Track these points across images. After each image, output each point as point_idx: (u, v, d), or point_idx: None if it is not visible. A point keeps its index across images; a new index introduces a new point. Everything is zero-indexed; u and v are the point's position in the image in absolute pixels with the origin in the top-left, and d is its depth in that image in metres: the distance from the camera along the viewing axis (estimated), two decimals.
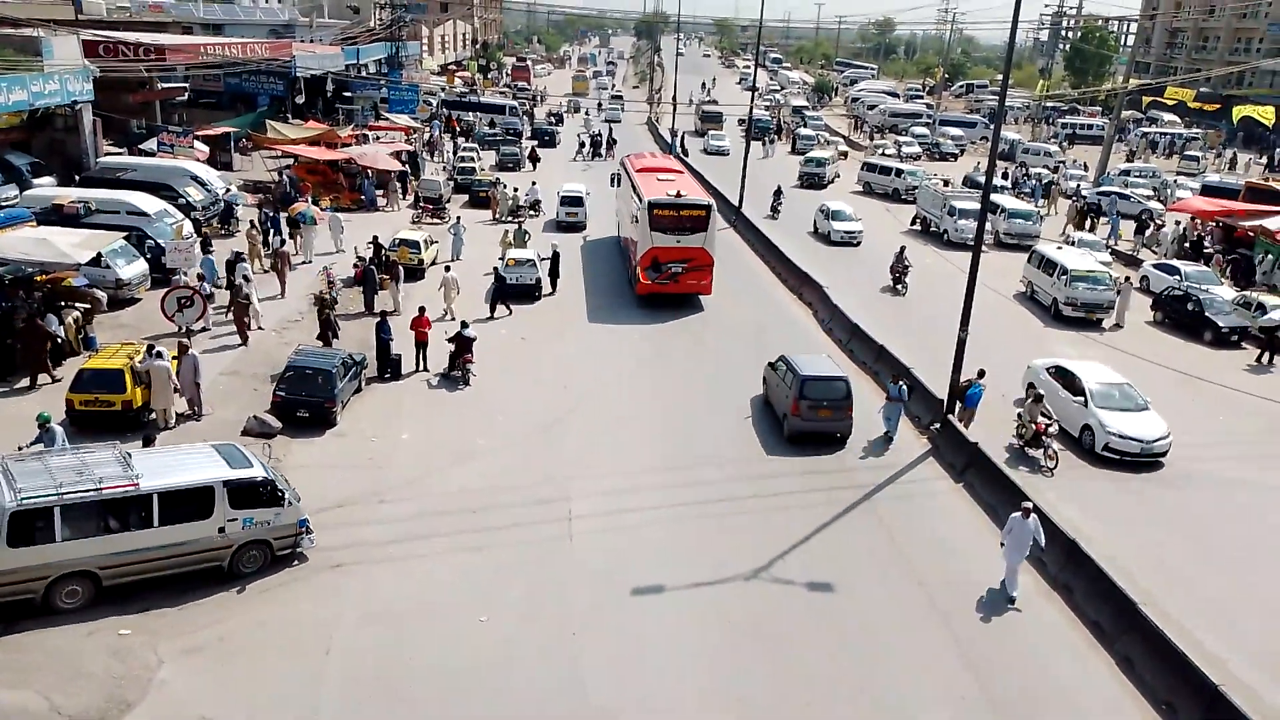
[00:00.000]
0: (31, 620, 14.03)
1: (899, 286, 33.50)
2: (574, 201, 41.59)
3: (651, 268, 30.73)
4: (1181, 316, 31.30)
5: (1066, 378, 22.98)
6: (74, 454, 15.01)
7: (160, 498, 14.49)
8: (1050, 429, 21.08)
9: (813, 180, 55.64)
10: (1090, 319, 31.08)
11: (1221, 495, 20.30)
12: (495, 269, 31.22)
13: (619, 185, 39.80)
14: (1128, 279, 32.86)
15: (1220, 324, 30.07)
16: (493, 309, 29.24)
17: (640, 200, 31.51)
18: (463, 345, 24.18)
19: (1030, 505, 16.42)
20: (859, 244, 40.52)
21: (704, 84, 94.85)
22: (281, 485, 15.88)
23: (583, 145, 63.11)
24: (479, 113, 68.52)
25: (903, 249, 34.51)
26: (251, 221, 32.96)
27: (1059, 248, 34.53)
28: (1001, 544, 16.50)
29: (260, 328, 26.35)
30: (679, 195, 31.00)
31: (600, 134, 64.46)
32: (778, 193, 46.15)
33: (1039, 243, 37.65)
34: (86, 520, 14.05)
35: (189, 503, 14.78)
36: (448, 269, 29.66)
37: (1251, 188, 46.05)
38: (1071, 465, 21.12)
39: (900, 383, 22.49)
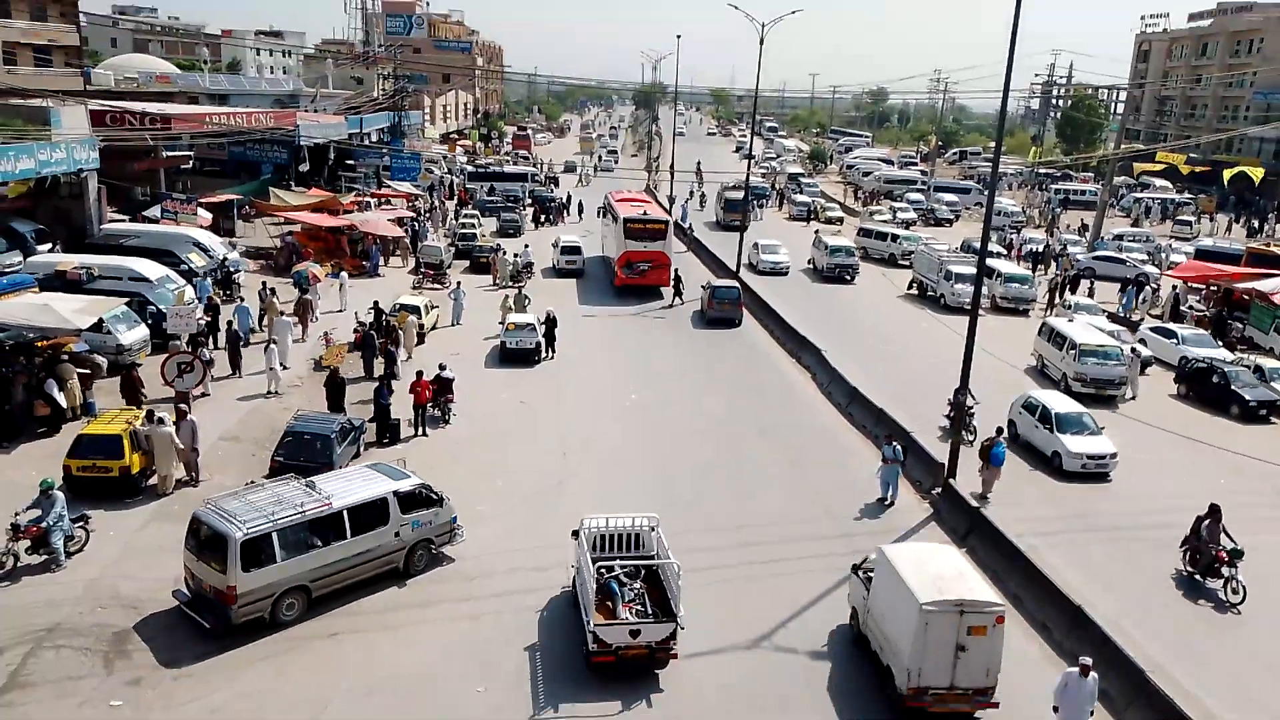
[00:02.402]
0: (20, 691, 13.83)
1: (1228, 590, 18.51)
2: (572, 250, 46.36)
3: (626, 266, 41.72)
4: (1207, 390, 30.05)
5: None
6: (263, 488, 17.07)
7: (349, 513, 16.70)
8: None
9: (842, 274, 46.92)
10: (1102, 395, 29.35)
11: None
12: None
13: (604, 216, 49.83)
14: (1134, 350, 31.58)
15: (1247, 397, 28.86)
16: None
17: (618, 219, 42.92)
18: (443, 385, 25.46)
19: (1089, 662, 13.72)
20: (1110, 475, 23.98)
21: (697, 167, 79.02)
22: (435, 490, 18.11)
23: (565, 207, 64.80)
24: (503, 182, 69.79)
25: (1215, 515, 19.18)
26: (273, 289, 33.40)
27: (1069, 320, 33.89)
28: (1055, 708, 13.75)
29: (275, 391, 26.62)
30: (645, 214, 43.17)
31: (562, 198, 66.29)
32: (962, 409, 22.67)
33: (1048, 315, 37.49)
34: (297, 540, 16.04)
35: (370, 513, 17.04)
36: (403, 309, 32.04)
37: (1253, 253, 46.32)
38: (1074, 528, 20.97)
39: (895, 443, 22.33)
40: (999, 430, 22.05)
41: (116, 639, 15.25)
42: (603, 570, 15.78)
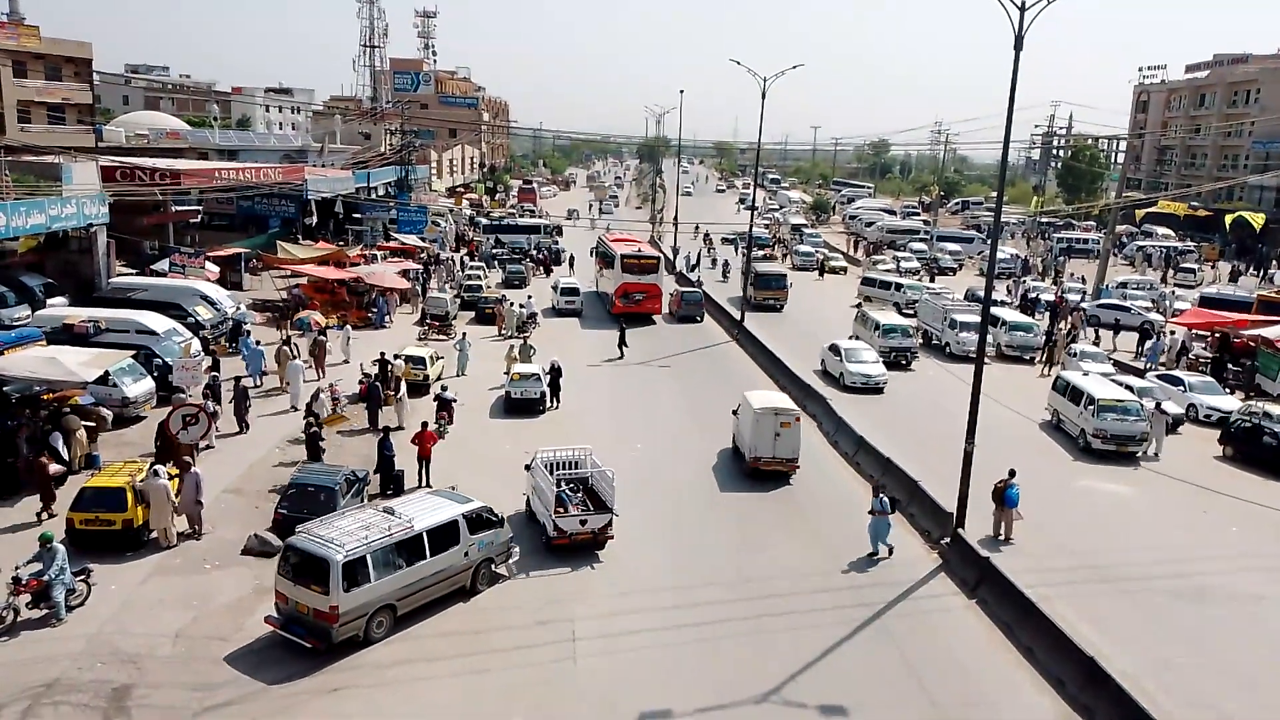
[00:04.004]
0: None
1: None
2: (571, 292, 50.10)
3: (623, 296, 47.66)
4: (1257, 451, 28.66)
5: None
6: (345, 514, 18.27)
7: (428, 534, 17.91)
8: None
9: (898, 359, 38.99)
10: (1122, 452, 28.59)
11: (1239, 610, 19.78)
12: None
13: (599, 256, 54.96)
14: (1159, 406, 30.38)
15: None
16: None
17: (615, 255, 49.07)
18: (442, 404, 28.00)
19: None
20: None
21: (706, 237, 76.60)
22: (495, 512, 19.66)
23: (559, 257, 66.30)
24: (513, 234, 70.97)
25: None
26: (287, 338, 33.75)
27: (1085, 373, 33.01)
28: None
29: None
30: (640, 251, 50.11)
31: (561, 248, 67.99)
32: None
33: (1048, 369, 37.20)
34: (386, 561, 17.17)
35: (445, 535, 18.27)
36: (407, 360, 32.41)
37: (1264, 300, 46.26)
38: (1086, 579, 20.67)
39: (881, 495, 21.89)
40: (1011, 472, 22.10)
41: (115, 695, 15.03)
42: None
